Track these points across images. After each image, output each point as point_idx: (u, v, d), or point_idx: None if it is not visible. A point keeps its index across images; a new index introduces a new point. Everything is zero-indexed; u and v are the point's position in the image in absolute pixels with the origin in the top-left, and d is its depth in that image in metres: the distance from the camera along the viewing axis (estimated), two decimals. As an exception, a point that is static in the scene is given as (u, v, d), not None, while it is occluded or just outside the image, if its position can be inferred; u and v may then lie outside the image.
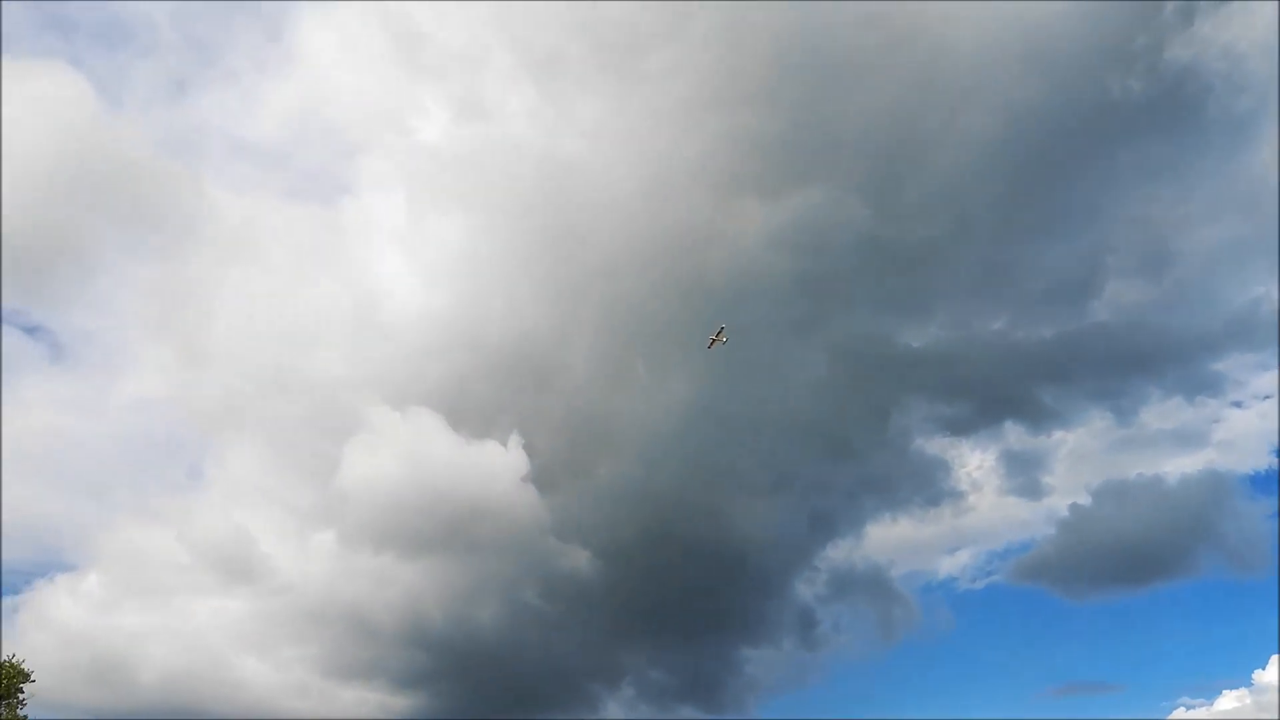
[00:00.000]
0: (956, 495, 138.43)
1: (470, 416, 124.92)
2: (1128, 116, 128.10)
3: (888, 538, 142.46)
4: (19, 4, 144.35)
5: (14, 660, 50.95)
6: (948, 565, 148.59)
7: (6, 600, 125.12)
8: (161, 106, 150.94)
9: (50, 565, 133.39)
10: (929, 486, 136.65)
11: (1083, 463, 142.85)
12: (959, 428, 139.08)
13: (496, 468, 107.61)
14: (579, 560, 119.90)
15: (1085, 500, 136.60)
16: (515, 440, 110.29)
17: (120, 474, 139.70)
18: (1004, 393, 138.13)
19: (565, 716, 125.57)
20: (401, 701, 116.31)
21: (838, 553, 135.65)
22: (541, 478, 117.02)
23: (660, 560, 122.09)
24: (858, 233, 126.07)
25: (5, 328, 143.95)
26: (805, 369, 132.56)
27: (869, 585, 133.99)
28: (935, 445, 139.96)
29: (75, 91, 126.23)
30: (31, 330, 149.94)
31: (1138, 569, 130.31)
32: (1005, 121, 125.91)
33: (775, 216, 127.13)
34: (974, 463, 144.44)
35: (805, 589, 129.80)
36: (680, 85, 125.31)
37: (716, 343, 72.67)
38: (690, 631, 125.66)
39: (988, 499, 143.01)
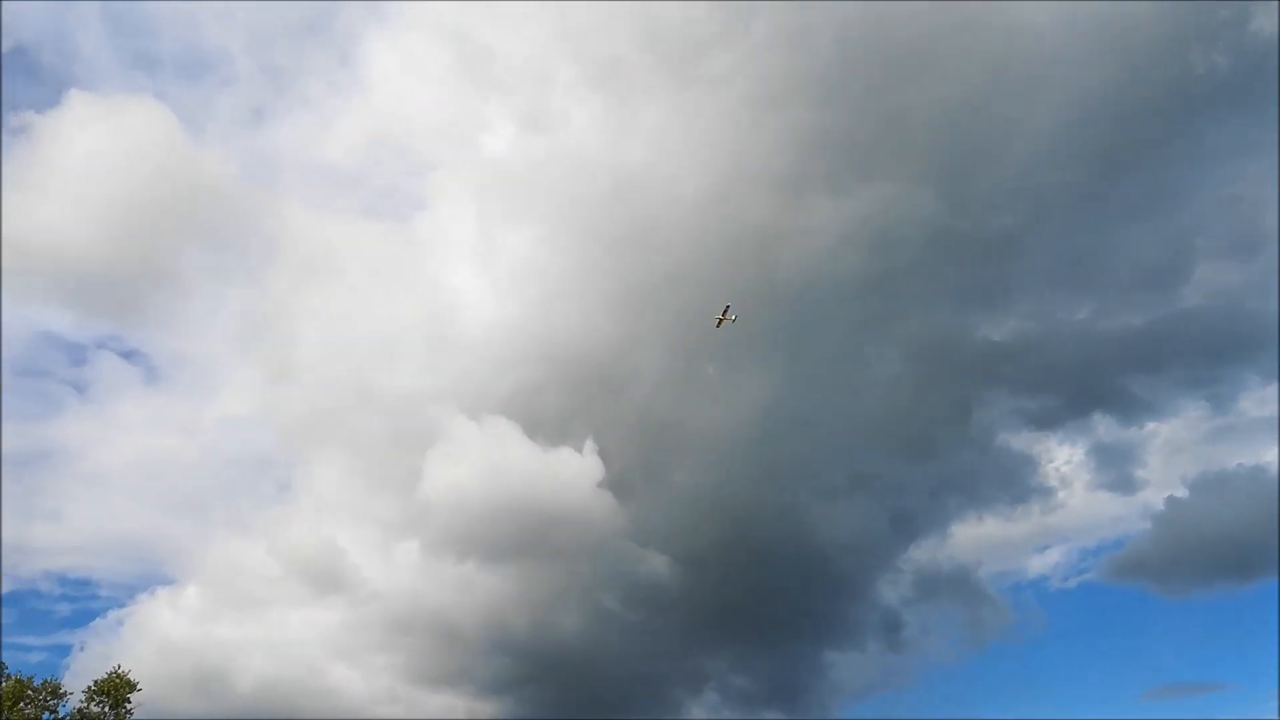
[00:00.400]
0: (1045, 492, 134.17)
1: (545, 424, 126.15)
2: (1212, 92, 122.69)
3: (973, 537, 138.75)
4: (108, 44, 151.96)
5: (121, 671, 53.13)
6: (1038, 564, 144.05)
7: (112, 614, 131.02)
8: (241, 134, 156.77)
9: (152, 579, 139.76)
10: (1015, 484, 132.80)
11: (1178, 454, 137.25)
12: (1045, 422, 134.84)
13: (572, 474, 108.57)
14: (658, 565, 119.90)
15: (1182, 493, 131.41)
16: (590, 447, 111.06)
17: (214, 490, 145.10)
18: (1091, 384, 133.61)
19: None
20: (487, 707, 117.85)
21: (922, 554, 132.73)
22: (617, 484, 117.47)
23: (739, 564, 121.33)
24: (931, 226, 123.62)
25: (104, 353, 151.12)
26: (881, 367, 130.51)
27: (956, 586, 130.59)
28: (1020, 441, 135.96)
29: (161, 124, 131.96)
30: (127, 355, 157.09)
31: (1240, 563, 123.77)
32: (1082, 103, 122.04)
33: (845, 213, 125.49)
34: (1062, 458, 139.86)
35: (889, 591, 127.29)
36: (742, 86, 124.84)
37: (725, 321, 71.39)
38: (773, 635, 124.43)
39: (1078, 495, 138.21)
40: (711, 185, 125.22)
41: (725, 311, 71.92)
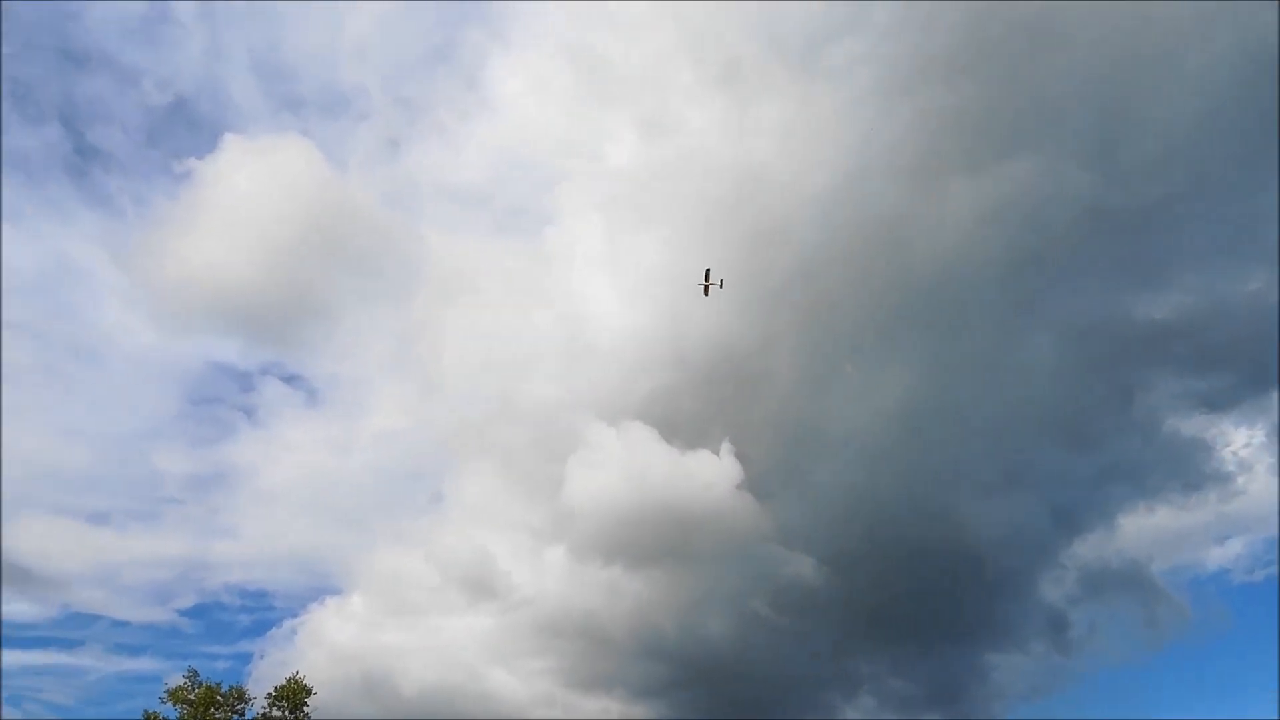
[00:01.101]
0: (1222, 478, 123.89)
1: (682, 427, 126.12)
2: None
3: (1144, 530, 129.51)
4: (257, 89, 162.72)
5: (298, 677, 56.28)
6: (1218, 556, 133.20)
7: (287, 623, 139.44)
8: (379, 164, 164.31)
9: (321, 590, 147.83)
10: (1188, 470, 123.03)
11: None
12: (1218, 403, 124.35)
13: (711, 477, 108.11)
14: (804, 567, 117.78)
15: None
16: (727, 448, 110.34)
17: (373, 503, 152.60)
18: (1268, 360, 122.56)
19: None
20: (641, 711, 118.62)
21: (1087, 549, 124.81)
22: (757, 485, 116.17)
23: (890, 565, 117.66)
24: (1078, 201, 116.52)
25: (268, 379, 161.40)
26: (1032, 353, 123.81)
27: (1127, 582, 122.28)
28: (1192, 425, 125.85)
29: (308, 160, 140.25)
30: (289, 379, 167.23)
31: None
32: (1240, 57, 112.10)
33: (983, 194, 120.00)
34: (1240, 440, 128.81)
35: (1052, 589, 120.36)
36: (867, 74, 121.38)
37: (710, 286, 68.85)
38: (930, 637, 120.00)
39: (1260, 479, 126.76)
40: (839, 177, 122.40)
41: (707, 276, 69.83)
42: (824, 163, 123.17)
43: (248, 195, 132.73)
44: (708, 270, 70.78)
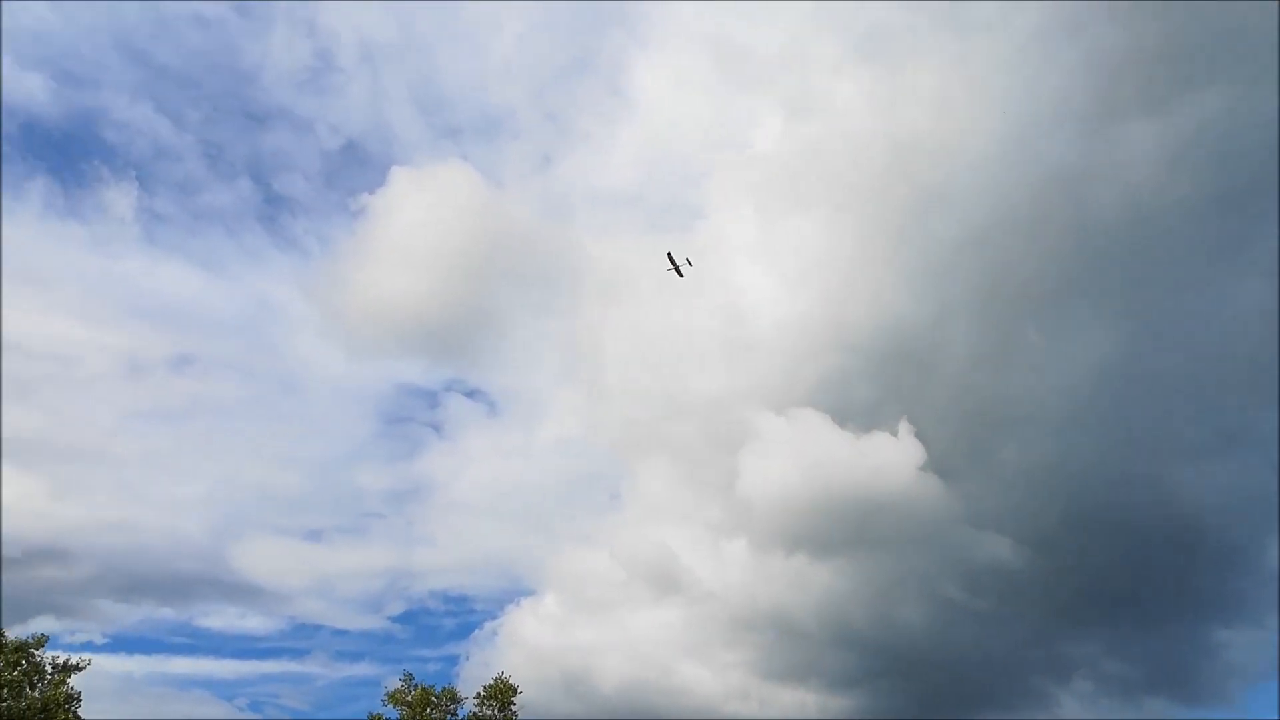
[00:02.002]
0: None
1: (855, 411, 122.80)
2: None
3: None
4: (418, 122, 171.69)
5: (504, 676, 58.60)
6: None
7: (488, 625, 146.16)
8: (533, 178, 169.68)
9: (516, 591, 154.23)
10: None
11: None
12: None
13: (891, 459, 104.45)
14: (1000, 548, 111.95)
15: None
16: (905, 429, 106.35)
17: (555, 506, 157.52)
18: None
19: (1016, 716, 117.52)
20: (839, 702, 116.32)
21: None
22: (941, 465, 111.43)
23: (1095, 540, 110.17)
24: (1276, 130, 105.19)
25: (451, 395, 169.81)
26: (1239, 300, 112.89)
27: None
28: None
29: (468, 182, 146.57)
30: (471, 394, 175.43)
31: None
32: None
33: (1168, 134, 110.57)
34: None
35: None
36: (1024, 22, 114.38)
37: (678, 267, 66.19)
38: (1149, 615, 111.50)
39: None
40: (1004, 136, 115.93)
41: (671, 259, 67.45)
42: (985, 122, 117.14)
43: (417, 223, 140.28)
44: (669, 254, 69.03)
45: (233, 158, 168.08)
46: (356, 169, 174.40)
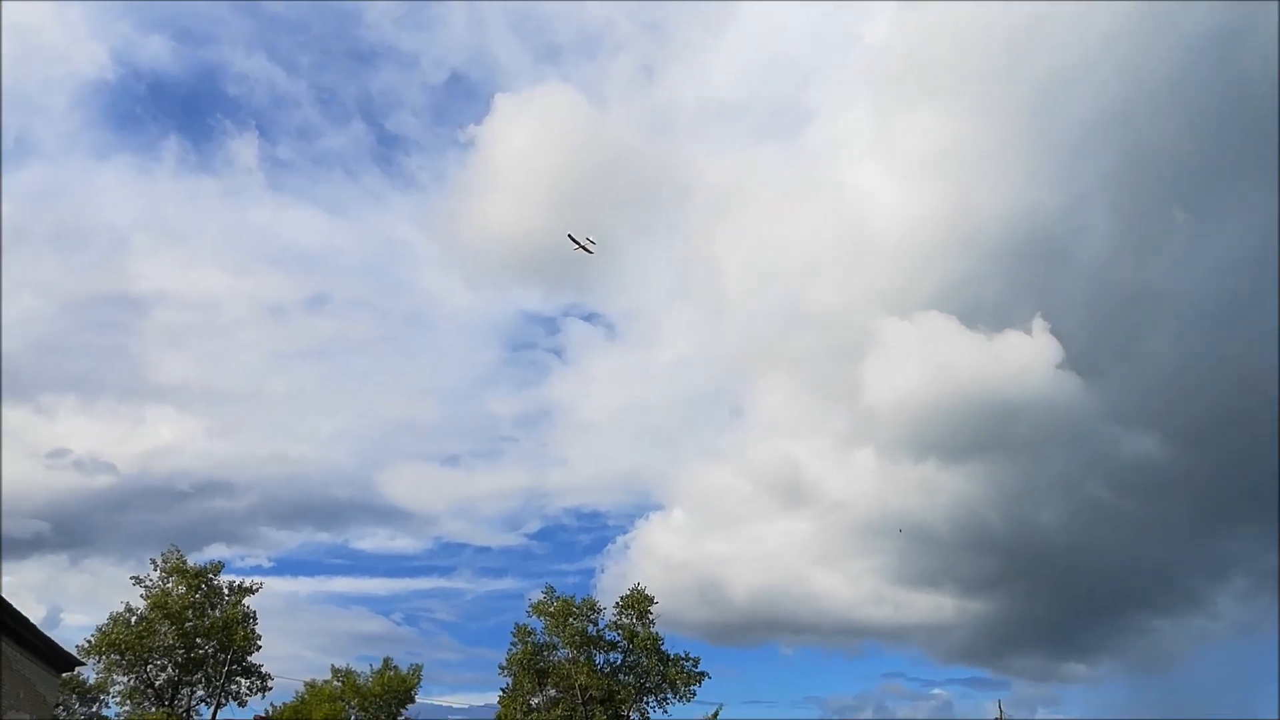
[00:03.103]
0: None
1: (984, 310, 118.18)
2: None
3: None
4: (518, 47, 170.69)
5: (639, 587, 60.25)
6: None
7: (620, 539, 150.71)
8: (636, 94, 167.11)
9: (645, 506, 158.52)
10: None
11: None
12: None
13: (1024, 358, 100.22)
14: (1146, 445, 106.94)
15: None
16: (1040, 326, 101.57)
17: (679, 423, 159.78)
18: None
19: (1167, 618, 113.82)
20: (976, 605, 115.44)
21: None
22: (1081, 362, 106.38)
23: (1249, 433, 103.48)
24: None
25: (570, 320, 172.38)
26: None
27: None
28: None
29: (571, 103, 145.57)
30: (588, 318, 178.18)
31: None
32: None
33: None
34: None
35: None
36: None
37: (582, 248, 67.16)
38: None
39: None
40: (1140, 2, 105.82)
41: (573, 240, 67.88)
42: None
43: (523, 151, 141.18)
44: (569, 235, 69.39)
45: (344, 99, 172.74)
46: (462, 100, 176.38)
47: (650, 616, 59.26)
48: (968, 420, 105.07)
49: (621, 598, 59.94)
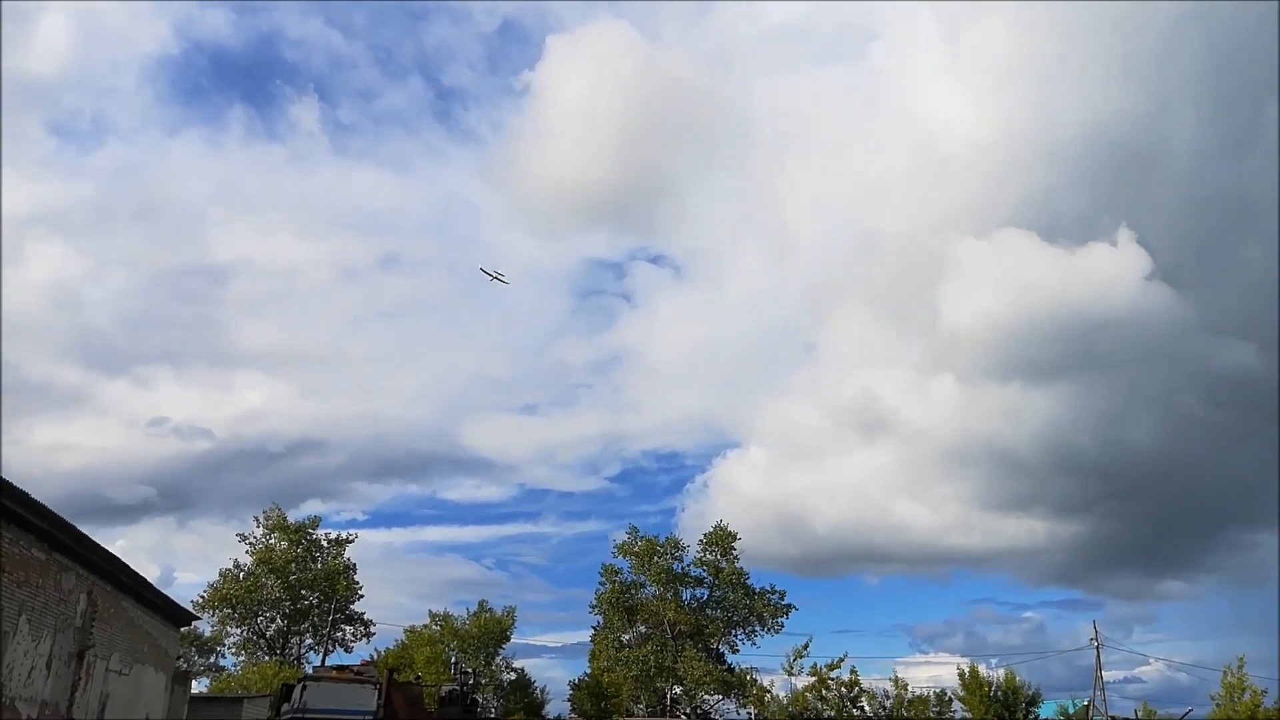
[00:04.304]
0: None
1: (1065, 224, 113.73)
2: None
3: None
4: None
5: (723, 524, 60.75)
6: None
7: (699, 478, 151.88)
8: (692, 26, 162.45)
9: (722, 445, 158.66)
10: None
11: None
12: None
13: (1111, 272, 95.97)
14: (1243, 355, 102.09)
15: None
16: (1127, 236, 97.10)
17: (752, 362, 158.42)
18: None
19: (1269, 531, 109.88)
20: (1068, 528, 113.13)
21: None
22: (1171, 272, 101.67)
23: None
24: None
25: (637, 263, 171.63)
26: None
27: None
28: None
29: (625, 40, 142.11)
30: (655, 260, 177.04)
31: None
32: None
33: None
34: None
35: None
36: None
37: (497, 277, 70.67)
38: None
39: None
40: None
41: (485, 271, 71.88)
42: None
43: (578, 92, 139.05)
44: (482, 269, 74.78)
45: (401, 58, 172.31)
46: (515, 47, 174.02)
47: (734, 552, 59.88)
48: (1052, 340, 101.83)
49: (705, 535, 60.65)
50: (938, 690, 48.77)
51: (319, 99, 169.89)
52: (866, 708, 46.01)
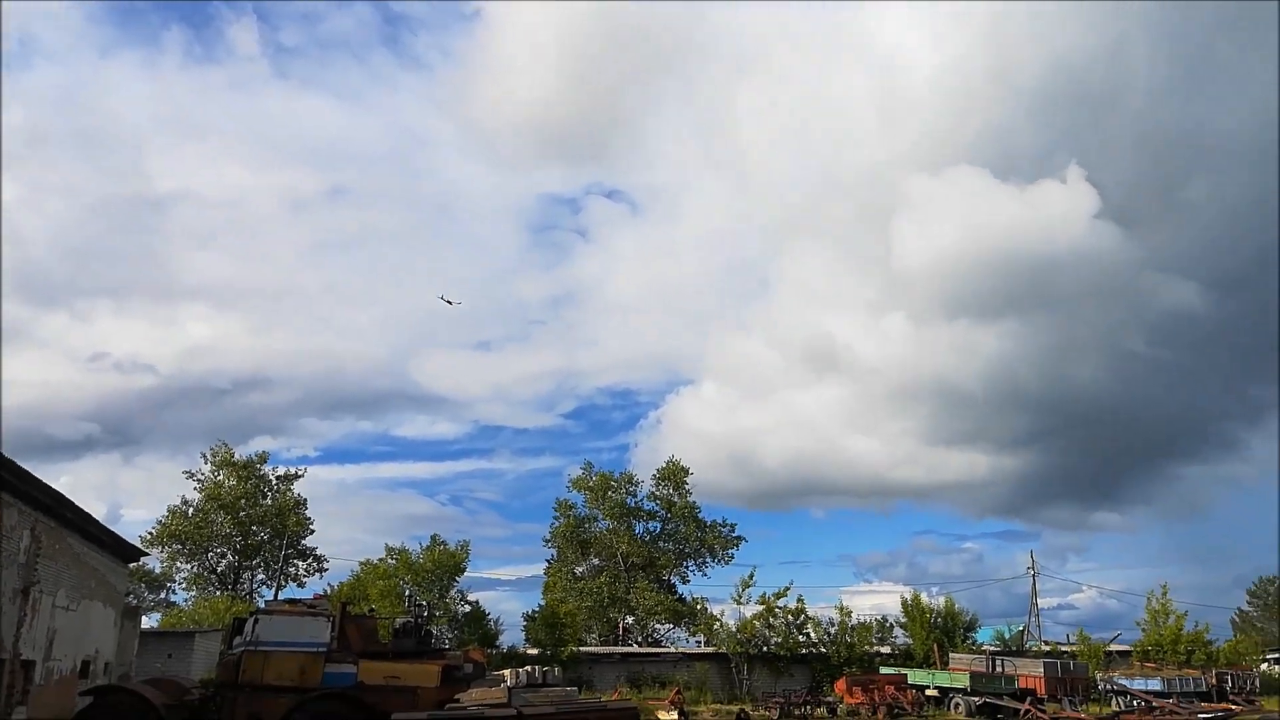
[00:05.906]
0: None
1: (1017, 162, 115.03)
2: None
3: None
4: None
5: (675, 460, 61.54)
6: None
7: (652, 414, 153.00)
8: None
9: (675, 382, 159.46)
10: None
11: None
12: None
13: (1060, 209, 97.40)
14: (1185, 294, 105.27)
15: None
16: (1076, 174, 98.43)
17: (707, 298, 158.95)
18: None
19: (1202, 464, 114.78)
20: (1011, 461, 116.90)
21: None
22: (1120, 211, 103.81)
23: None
24: None
25: (592, 198, 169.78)
26: None
27: None
28: None
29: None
30: (610, 195, 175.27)
31: None
32: None
33: None
34: None
35: None
36: None
37: (447, 302, 73.47)
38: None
39: None
40: None
41: (443, 299, 74.48)
42: None
43: (530, 17, 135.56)
44: (440, 296, 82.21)
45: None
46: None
47: (686, 487, 60.79)
48: (1001, 277, 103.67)
49: (658, 470, 61.43)
50: (880, 617, 50.52)
51: (258, 19, 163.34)
52: (812, 634, 47.43)
